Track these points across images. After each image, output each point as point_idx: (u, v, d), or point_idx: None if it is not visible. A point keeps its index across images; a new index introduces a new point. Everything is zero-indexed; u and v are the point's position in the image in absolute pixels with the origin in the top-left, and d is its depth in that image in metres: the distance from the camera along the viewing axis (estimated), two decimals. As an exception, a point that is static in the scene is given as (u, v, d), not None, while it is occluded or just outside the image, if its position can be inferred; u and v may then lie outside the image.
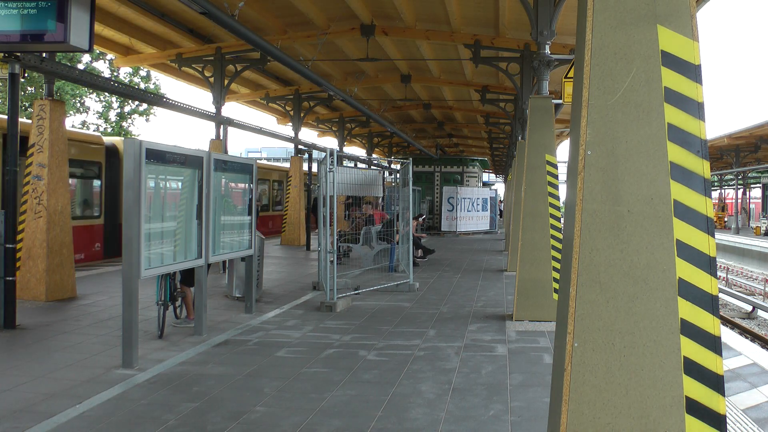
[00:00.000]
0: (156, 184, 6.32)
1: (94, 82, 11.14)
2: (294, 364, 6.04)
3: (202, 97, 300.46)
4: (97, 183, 13.74)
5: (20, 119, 8.11)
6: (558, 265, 8.12)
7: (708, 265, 2.49)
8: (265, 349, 6.61)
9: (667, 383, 2.47)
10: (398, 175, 13.61)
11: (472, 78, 17.86)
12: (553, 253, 8.30)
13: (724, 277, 23.73)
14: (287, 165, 24.30)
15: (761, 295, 20.20)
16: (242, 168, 8.48)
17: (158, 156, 6.13)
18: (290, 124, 21.14)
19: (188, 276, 7.51)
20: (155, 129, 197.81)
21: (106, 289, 10.03)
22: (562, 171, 14.15)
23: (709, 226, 2.51)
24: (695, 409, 2.45)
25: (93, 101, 32.81)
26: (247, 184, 8.71)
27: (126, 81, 30.58)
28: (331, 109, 24.31)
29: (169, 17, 13.05)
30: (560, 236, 8.25)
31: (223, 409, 4.74)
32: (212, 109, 15.21)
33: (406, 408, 4.82)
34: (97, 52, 25.34)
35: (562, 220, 8.35)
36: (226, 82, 15.22)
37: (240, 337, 7.10)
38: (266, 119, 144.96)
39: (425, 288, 11.20)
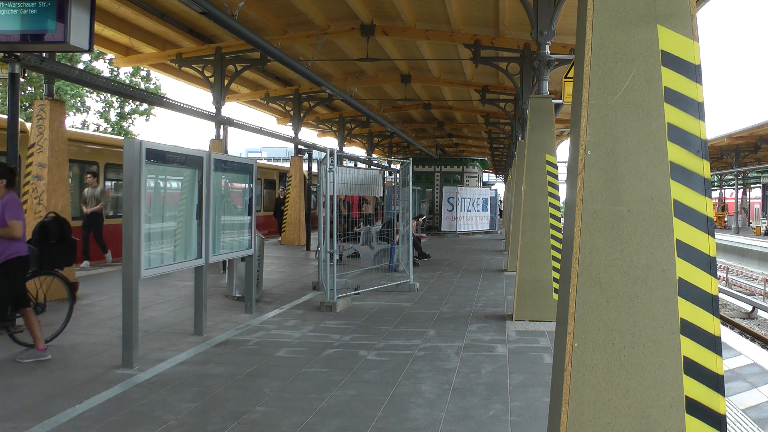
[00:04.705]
0: (156, 184, 6.32)
1: (94, 82, 11.14)
2: (294, 364, 6.04)
3: (202, 97, 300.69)
4: None
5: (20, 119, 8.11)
6: (558, 265, 8.12)
7: (708, 265, 2.49)
8: (265, 349, 6.61)
9: (667, 383, 2.47)
10: (398, 175, 13.61)
11: (472, 78, 17.86)
12: (553, 253, 8.30)
13: (724, 277, 23.73)
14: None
15: (761, 295, 20.20)
16: (242, 168, 8.48)
17: (158, 156, 6.13)
18: (290, 124, 21.15)
19: (21, 295, 5.94)
20: (155, 129, 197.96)
21: (106, 289, 10.03)
22: (562, 171, 14.16)
23: (709, 226, 2.51)
24: (695, 409, 2.45)
25: (93, 101, 32.86)
26: (246, 184, 8.71)
27: (126, 81, 30.59)
28: (331, 109, 24.31)
29: (169, 17, 13.05)
30: (560, 236, 8.25)
31: (223, 409, 4.74)
32: (212, 109, 15.21)
33: (406, 408, 4.82)
34: (97, 52, 25.34)
35: (562, 220, 8.35)
36: (226, 82, 15.22)
37: (240, 337, 7.10)
38: (266, 119, 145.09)
39: (425, 288, 11.20)
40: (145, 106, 32.46)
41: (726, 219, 42.06)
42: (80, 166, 13.59)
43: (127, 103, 32.78)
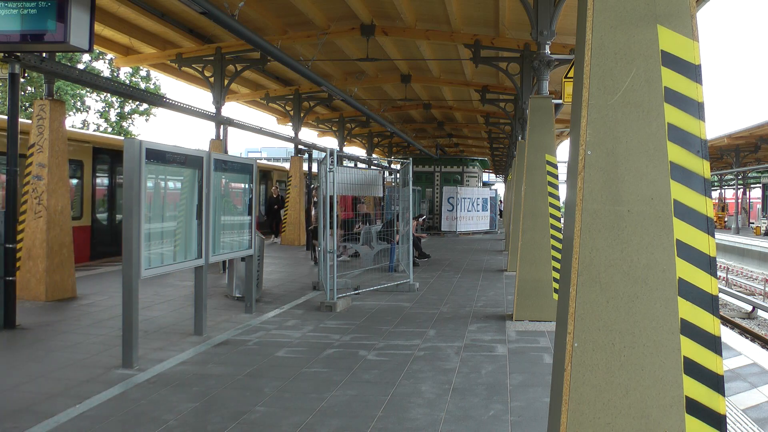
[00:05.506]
0: (156, 184, 6.32)
1: (94, 82, 11.14)
2: (294, 364, 6.04)
3: (202, 97, 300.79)
4: None
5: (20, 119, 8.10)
6: (558, 265, 8.12)
7: (708, 265, 2.49)
8: (265, 349, 6.61)
9: (667, 383, 2.47)
10: (398, 175, 13.61)
11: (472, 78, 17.86)
12: (553, 253, 8.30)
13: (724, 277, 23.72)
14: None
15: (761, 295, 20.20)
16: (242, 168, 8.49)
17: (158, 156, 6.13)
18: (290, 124, 21.16)
19: None
20: (155, 129, 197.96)
21: (106, 289, 10.03)
22: (562, 171, 14.18)
23: (709, 226, 2.51)
24: (695, 409, 2.45)
25: (93, 101, 32.86)
26: (246, 184, 8.72)
27: (126, 81, 30.59)
28: (331, 109, 24.31)
29: (169, 17, 13.05)
30: (560, 236, 8.25)
31: (223, 409, 4.74)
32: (212, 109, 15.21)
33: (406, 408, 4.82)
34: (97, 52, 25.34)
35: (562, 220, 8.35)
36: (226, 82, 15.22)
37: (240, 337, 7.10)
38: (266, 119, 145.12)
39: (425, 288, 11.20)
40: (145, 106, 32.46)
41: (726, 219, 42.06)
42: None
43: (127, 103, 32.79)
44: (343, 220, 15.32)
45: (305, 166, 20.21)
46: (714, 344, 2.47)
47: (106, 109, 32.75)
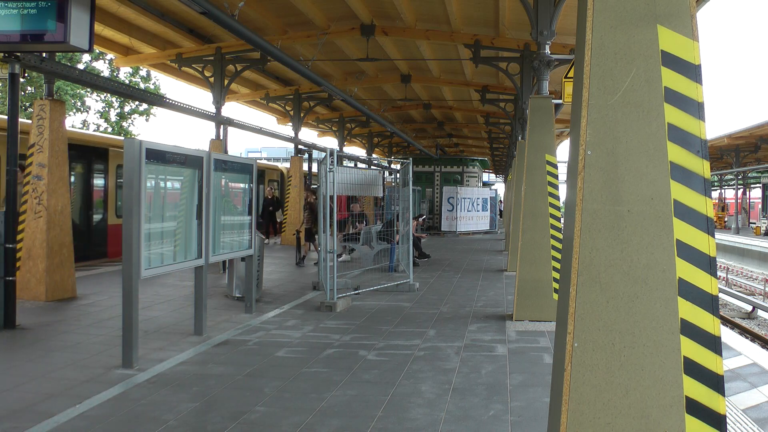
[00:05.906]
0: (156, 184, 6.31)
1: (94, 82, 11.14)
2: (294, 364, 6.04)
3: (202, 97, 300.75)
4: None
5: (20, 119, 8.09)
6: (558, 265, 8.12)
7: (708, 265, 2.49)
8: (265, 349, 6.61)
9: (667, 383, 2.47)
10: (398, 175, 13.61)
11: (472, 78, 17.86)
12: (553, 253, 8.30)
13: (724, 277, 23.72)
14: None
15: (761, 295, 20.19)
16: (242, 168, 8.49)
17: (158, 156, 6.13)
18: (290, 124, 21.15)
19: None
20: (155, 129, 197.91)
21: (106, 289, 10.03)
22: (562, 171, 14.17)
23: (709, 226, 2.51)
24: (695, 409, 2.45)
25: (93, 101, 32.88)
26: (247, 184, 8.72)
27: (126, 81, 30.60)
28: (331, 109, 24.31)
29: (169, 17, 13.05)
30: (560, 236, 8.25)
31: (223, 409, 4.74)
32: (212, 109, 15.21)
33: (406, 408, 4.81)
34: (97, 52, 25.34)
35: (562, 220, 8.35)
36: (226, 82, 15.22)
37: (240, 337, 7.10)
38: (266, 119, 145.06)
39: (425, 288, 11.20)
40: (144, 106, 32.48)
41: (726, 219, 42.05)
42: None
43: (127, 103, 32.80)
44: (337, 221, 15.28)
45: (305, 166, 20.17)
46: (714, 344, 2.47)
47: (106, 109, 32.77)
